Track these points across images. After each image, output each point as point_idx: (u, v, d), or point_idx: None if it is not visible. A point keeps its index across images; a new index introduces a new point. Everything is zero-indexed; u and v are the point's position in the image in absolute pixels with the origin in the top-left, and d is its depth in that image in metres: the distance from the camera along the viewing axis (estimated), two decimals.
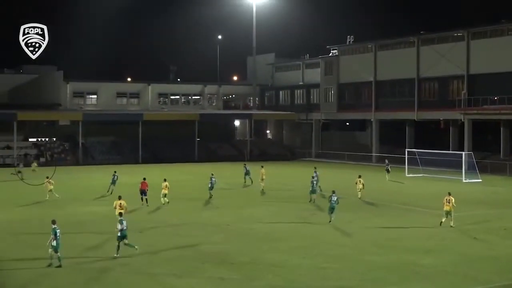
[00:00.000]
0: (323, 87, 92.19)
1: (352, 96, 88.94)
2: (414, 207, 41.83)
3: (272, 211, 39.94)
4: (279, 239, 30.79)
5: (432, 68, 76.50)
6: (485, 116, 71.45)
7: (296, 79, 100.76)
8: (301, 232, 32.82)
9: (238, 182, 56.61)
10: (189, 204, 43.21)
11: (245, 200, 45.58)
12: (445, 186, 55.22)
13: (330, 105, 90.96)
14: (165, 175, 55.09)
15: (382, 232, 32.66)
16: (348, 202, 43.05)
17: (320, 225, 34.77)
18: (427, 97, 78.60)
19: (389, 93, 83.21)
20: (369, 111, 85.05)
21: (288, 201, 44.70)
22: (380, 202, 44.42)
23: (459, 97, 72.73)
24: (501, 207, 42.21)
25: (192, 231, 32.95)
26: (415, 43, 79.06)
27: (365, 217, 37.78)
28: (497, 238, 31.22)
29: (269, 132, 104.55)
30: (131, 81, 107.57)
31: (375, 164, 78.03)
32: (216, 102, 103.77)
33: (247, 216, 37.86)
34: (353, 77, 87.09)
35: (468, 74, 72.98)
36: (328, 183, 47.35)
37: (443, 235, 31.91)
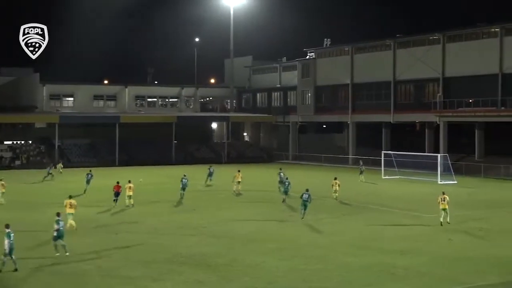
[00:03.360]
0: (300, 89, 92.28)
1: (329, 99, 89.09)
2: (390, 209, 41.93)
3: (249, 213, 39.79)
4: (256, 240, 30.65)
5: (408, 71, 76.92)
6: (460, 118, 71.93)
7: (273, 81, 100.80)
8: (278, 233, 32.71)
9: (215, 184, 56.47)
10: (165, 206, 42.90)
11: (221, 202, 45.36)
12: (420, 188, 55.53)
13: (307, 108, 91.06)
14: (142, 177, 54.76)
15: (358, 233, 32.67)
16: (324, 203, 43.03)
17: (297, 227, 34.69)
18: (403, 99, 78.97)
19: (366, 95, 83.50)
20: (345, 114, 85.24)
21: (265, 203, 44.59)
22: (357, 203, 44.48)
23: (434, 100, 73.16)
24: (476, 208, 42.46)
25: (168, 233, 32.67)
26: (392, 46, 79.42)
27: (342, 218, 37.79)
28: (473, 239, 31.35)
29: (246, 135, 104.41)
30: (108, 84, 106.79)
31: (351, 166, 78.17)
32: (193, 105, 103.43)
33: (223, 218, 37.66)
34: (330, 79, 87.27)
35: (443, 77, 73.46)
36: (304, 186, 47.22)
37: (419, 236, 31.98)
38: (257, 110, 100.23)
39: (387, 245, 29.57)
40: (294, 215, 38.55)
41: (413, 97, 77.80)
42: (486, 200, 47.58)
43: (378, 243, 30.06)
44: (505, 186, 58.59)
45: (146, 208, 41.66)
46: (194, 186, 51.11)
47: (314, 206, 40.10)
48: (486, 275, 24.38)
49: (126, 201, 41.93)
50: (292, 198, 44.28)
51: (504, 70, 67.84)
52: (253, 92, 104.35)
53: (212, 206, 43.35)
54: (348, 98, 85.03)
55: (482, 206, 43.89)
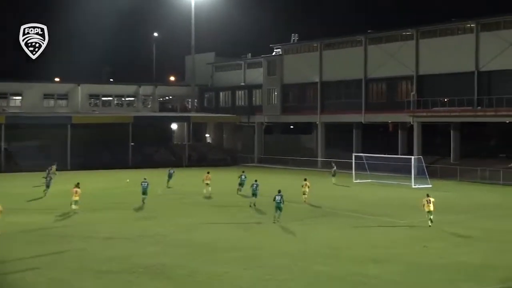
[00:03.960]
0: (266, 88, 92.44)
1: (297, 98, 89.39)
2: (362, 214, 42.18)
3: (212, 220, 39.69)
4: (219, 249, 30.58)
5: (380, 69, 77.52)
6: (435, 118, 72.79)
7: (237, 79, 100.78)
8: (242, 241, 32.69)
9: (176, 189, 56.30)
10: (121, 213, 42.59)
11: (182, 208, 45.20)
12: (394, 192, 56.02)
13: (273, 107, 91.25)
14: (97, 182, 54.30)
15: (328, 241, 32.80)
16: (292, 208, 43.12)
17: (264, 234, 34.71)
18: (375, 98, 79.59)
19: (336, 94, 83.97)
20: (314, 114, 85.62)
21: (229, 209, 44.55)
22: (326, 208, 44.67)
23: (408, 99, 73.86)
24: (452, 213, 42.92)
25: (125, 242, 32.42)
26: (363, 42, 79.99)
27: (311, 225, 37.90)
28: (448, 246, 31.68)
29: (209, 136, 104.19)
30: (59, 82, 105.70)
31: (320, 169, 78.52)
32: (151, 104, 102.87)
33: (184, 225, 37.52)
34: (298, 77, 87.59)
35: (417, 75, 74.20)
36: (270, 190, 47.30)
37: (392, 243, 32.22)
38: (220, 110, 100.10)
39: (358, 253, 29.72)
40: (261, 221, 38.57)
41: (386, 96, 78.43)
42: (462, 204, 48.19)
43: (349, 251, 30.21)
44: (482, 189, 59.44)
45: (101, 214, 41.33)
46: (154, 191, 50.78)
47: (287, 213, 40.12)
48: (461, 283, 24.61)
49: (72, 206, 41.91)
50: (259, 202, 44.30)
51: (480, 68, 68.80)
52: (216, 91, 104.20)
53: (173, 212, 43.18)
54: (317, 97, 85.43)
55: (458, 211, 44.42)
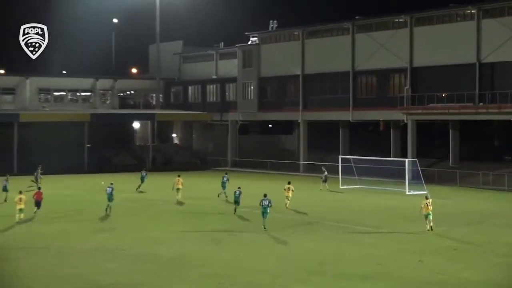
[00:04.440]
0: (240, 81, 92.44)
1: (276, 93, 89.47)
2: (349, 225, 42.33)
3: (180, 232, 39.64)
4: (188, 265, 30.55)
5: (369, 60, 77.74)
6: (431, 116, 73.13)
7: (208, 72, 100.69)
8: (214, 255, 32.67)
9: (141, 197, 56.17)
10: (76, 224, 42.37)
11: (147, 219, 45.09)
12: (385, 199, 56.28)
13: (249, 104, 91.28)
14: (46, 188, 53.90)
15: (311, 255, 32.87)
16: (272, 218, 43.20)
17: (237, 247, 34.72)
18: (364, 93, 79.82)
19: (320, 89, 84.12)
20: (295, 111, 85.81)
21: (200, 219, 44.53)
22: (310, 218, 44.77)
23: (401, 94, 74.13)
24: (450, 224, 43.15)
25: (80, 258, 32.27)
26: (350, 30, 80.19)
27: (292, 236, 37.95)
28: (446, 260, 31.88)
29: (176, 136, 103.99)
30: (4, 74, 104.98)
31: (303, 174, 78.66)
32: (110, 100, 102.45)
33: (149, 238, 37.41)
34: (277, 70, 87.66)
35: (411, 67, 74.47)
36: (246, 198, 47.36)
37: (384, 257, 32.35)
38: (189, 107, 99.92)
39: (346, 269, 29.83)
40: (235, 234, 38.56)
41: (376, 91, 78.72)
42: (462, 213, 48.48)
43: (335, 267, 30.30)
44: (484, 196, 59.89)
45: (54, 227, 41.10)
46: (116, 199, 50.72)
47: (261, 223, 40.21)
48: None
49: (16, 216, 42.13)
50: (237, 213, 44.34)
51: (482, 59, 69.13)
52: (184, 85, 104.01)
53: (135, 222, 43.10)
54: (299, 92, 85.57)
55: (457, 221, 44.68)
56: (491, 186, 65.04)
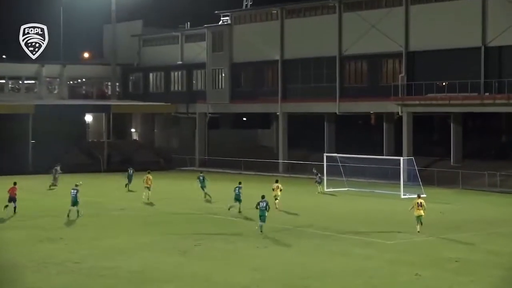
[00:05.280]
0: (210, 68, 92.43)
1: (251, 81, 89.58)
2: (335, 233, 42.51)
3: (143, 242, 39.66)
4: (150, 280, 30.62)
5: (359, 43, 77.92)
6: (430, 108, 73.40)
7: (172, 56, 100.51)
8: (181, 269, 32.70)
9: (97, 201, 56.19)
10: (20, 233, 42.31)
11: (103, 226, 45.20)
12: (377, 204, 56.65)
13: (220, 93, 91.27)
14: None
15: (292, 268, 32.97)
16: (246, 226, 43.47)
17: (208, 259, 34.76)
18: (352, 82, 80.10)
19: (302, 76, 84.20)
20: (274, 102, 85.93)
21: (164, 226, 44.68)
22: (293, 226, 44.86)
23: (395, 83, 74.44)
24: (452, 231, 43.51)
25: (25, 271, 32.27)
26: (336, 8, 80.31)
27: (271, 247, 38.09)
28: (446, 274, 32.11)
29: (135, 131, 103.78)
30: None
31: (283, 175, 78.77)
32: (59, 89, 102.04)
33: (105, 249, 37.42)
34: (252, 54, 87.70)
35: (407, 51, 74.76)
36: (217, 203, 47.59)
37: (376, 270, 32.53)
38: (150, 97, 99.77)
39: (333, 284, 30.02)
40: (205, 244, 38.64)
41: (366, 79, 79.01)
42: (465, 220, 48.76)
43: (321, 282, 30.45)
44: (490, 200, 60.32)
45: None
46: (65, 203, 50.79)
47: (235, 232, 40.38)
48: None
49: None
50: (199, 214, 44.42)
51: (488, 43, 69.48)
52: (144, 72, 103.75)
53: (90, 230, 43.25)
54: (277, 80, 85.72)
55: (459, 229, 44.98)
56: (498, 189, 65.42)
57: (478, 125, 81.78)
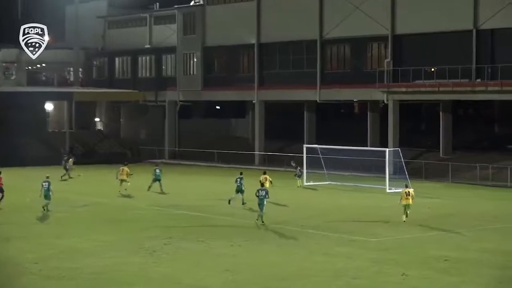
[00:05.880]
0: (181, 52, 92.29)
1: (225, 67, 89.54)
2: (316, 230, 42.52)
3: (108, 240, 39.52)
4: (115, 282, 30.54)
5: (342, 25, 77.81)
6: (418, 95, 73.62)
7: (140, 40, 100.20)
8: (148, 270, 32.56)
9: (59, 197, 55.91)
10: None
11: (65, 224, 45.03)
12: (361, 199, 56.82)
13: (192, 80, 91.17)
14: None
15: (269, 268, 32.93)
16: (219, 223, 43.44)
17: (177, 259, 34.65)
18: (334, 67, 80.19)
19: (280, 62, 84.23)
20: (250, 89, 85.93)
21: (131, 224, 44.67)
22: (270, 222, 44.76)
23: (380, 68, 74.61)
24: (441, 228, 43.65)
25: None
26: None
27: (247, 246, 38.03)
28: (435, 273, 32.18)
29: (100, 121, 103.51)
30: None
31: (259, 168, 78.81)
32: (16, 75, 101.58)
33: (67, 249, 37.22)
34: (226, 37, 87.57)
35: (393, 35, 74.88)
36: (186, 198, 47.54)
37: (360, 270, 32.53)
38: (116, 84, 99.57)
39: (312, 285, 30.02)
40: (174, 243, 38.58)
41: (350, 65, 79.13)
42: (455, 216, 48.93)
43: (297, 283, 30.43)
44: (482, 194, 60.69)
45: None
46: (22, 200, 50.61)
47: (207, 229, 40.33)
48: None
49: None
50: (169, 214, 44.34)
51: (480, 26, 69.69)
52: (110, 56, 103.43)
53: (50, 228, 43.21)
54: (254, 66, 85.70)
55: (449, 225, 45.06)
56: (490, 182, 65.79)
57: (469, 114, 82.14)
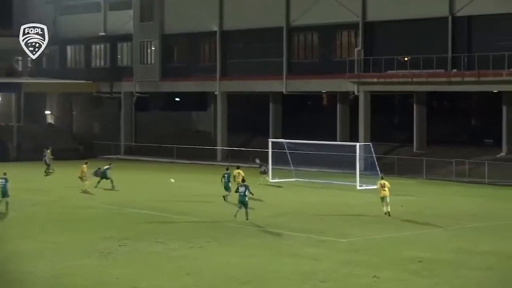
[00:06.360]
0: (137, 40, 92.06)
1: (185, 56, 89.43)
2: (284, 230, 42.57)
3: (59, 242, 39.46)
4: (67, 286, 30.56)
5: (310, 12, 77.92)
6: (390, 86, 73.81)
7: (94, 27, 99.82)
8: (102, 273, 32.51)
9: None
10: None
11: (16, 224, 45.05)
12: (329, 196, 57.00)
13: (150, 70, 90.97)
14: None
15: (234, 271, 32.96)
16: (177, 223, 43.47)
17: (133, 262, 34.58)
18: (302, 57, 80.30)
19: (244, 50, 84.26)
20: (211, 79, 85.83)
21: (84, 224, 44.65)
22: (232, 222, 44.92)
23: (351, 58, 74.78)
24: (414, 227, 43.96)
25: None
26: None
27: (208, 247, 38.01)
28: (407, 275, 32.38)
29: (50, 114, 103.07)
30: None
31: (221, 164, 78.84)
32: None
33: (15, 252, 37.14)
34: (187, 24, 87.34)
35: (364, 22, 74.99)
36: (145, 198, 47.51)
37: (328, 273, 32.61)
38: (68, 74, 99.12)
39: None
40: (130, 244, 38.55)
41: (318, 54, 79.23)
42: (429, 214, 49.09)
43: (262, 286, 30.51)
44: (458, 191, 61.04)
45: None
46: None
47: (166, 230, 40.33)
48: None
49: None
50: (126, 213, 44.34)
51: (457, 12, 69.90)
52: (61, 45, 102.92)
53: (1, 229, 43.27)
54: (216, 55, 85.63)
55: (423, 224, 45.40)
56: (467, 179, 66.16)
57: (445, 107, 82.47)
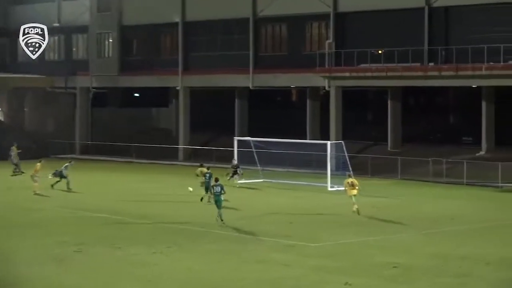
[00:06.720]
0: (94, 31, 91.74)
1: (145, 48, 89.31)
2: (248, 235, 42.55)
3: (9, 248, 39.27)
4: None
5: (277, 2, 77.73)
6: (363, 81, 73.99)
7: (47, 17, 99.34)
8: (56, 280, 32.34)
9: None
10: None
11: None
12: (298, 198, 57.03)
13: (107, 63, 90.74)
14: None
15: (194, 279, 32.88)
16: (137, 228, 43.32)
17: (88, 268, 34.44)
18: (269, 50, 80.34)
19: (207, 43, 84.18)
20: (173, 74, 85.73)
21: (37, 229, 44.43)
22: (194, 226, 44.87)
23: (321, 51, 74.79)
24: (388, 231, 43.95)
25: None
26: None
27: (168, 253, 37.93)
28: (381, 282, 32.38)
29: (0, 110, 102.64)
30: None
31: (183, 164, 78.65)
32: None
33: None
34: (147, 15, 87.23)
35: (335, 13, 75.11)
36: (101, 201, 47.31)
37: (297, 279, 32.58)
38: (20, 67, 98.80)
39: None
40: (86, 249, 38.32)
41: (286, 47, 79.32)
42: (405, 217, 49.14)
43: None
44: (436, 192, 61.29)
45: None
46: None
47: (125, 234, 40.14)
48: None
49: None
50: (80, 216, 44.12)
51: (433, 2, 70.10)
52: (12, 37, 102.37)
53: None
54: (178, 48, 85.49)
55: (398, 227, 45.49)
56: (444, 179, 66.30)
57: (421, 103, 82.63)
